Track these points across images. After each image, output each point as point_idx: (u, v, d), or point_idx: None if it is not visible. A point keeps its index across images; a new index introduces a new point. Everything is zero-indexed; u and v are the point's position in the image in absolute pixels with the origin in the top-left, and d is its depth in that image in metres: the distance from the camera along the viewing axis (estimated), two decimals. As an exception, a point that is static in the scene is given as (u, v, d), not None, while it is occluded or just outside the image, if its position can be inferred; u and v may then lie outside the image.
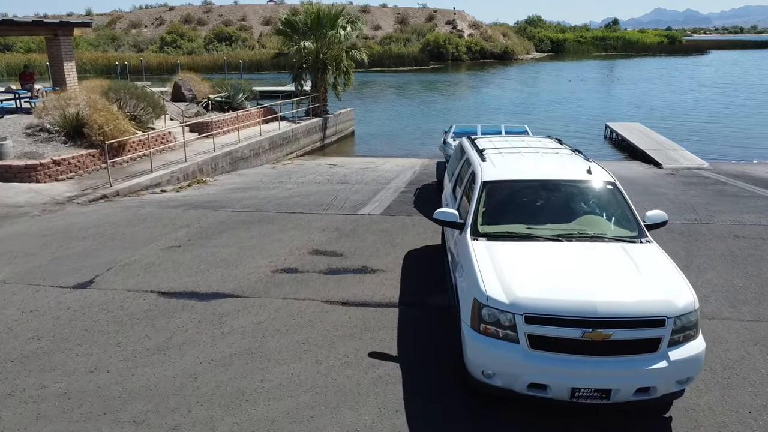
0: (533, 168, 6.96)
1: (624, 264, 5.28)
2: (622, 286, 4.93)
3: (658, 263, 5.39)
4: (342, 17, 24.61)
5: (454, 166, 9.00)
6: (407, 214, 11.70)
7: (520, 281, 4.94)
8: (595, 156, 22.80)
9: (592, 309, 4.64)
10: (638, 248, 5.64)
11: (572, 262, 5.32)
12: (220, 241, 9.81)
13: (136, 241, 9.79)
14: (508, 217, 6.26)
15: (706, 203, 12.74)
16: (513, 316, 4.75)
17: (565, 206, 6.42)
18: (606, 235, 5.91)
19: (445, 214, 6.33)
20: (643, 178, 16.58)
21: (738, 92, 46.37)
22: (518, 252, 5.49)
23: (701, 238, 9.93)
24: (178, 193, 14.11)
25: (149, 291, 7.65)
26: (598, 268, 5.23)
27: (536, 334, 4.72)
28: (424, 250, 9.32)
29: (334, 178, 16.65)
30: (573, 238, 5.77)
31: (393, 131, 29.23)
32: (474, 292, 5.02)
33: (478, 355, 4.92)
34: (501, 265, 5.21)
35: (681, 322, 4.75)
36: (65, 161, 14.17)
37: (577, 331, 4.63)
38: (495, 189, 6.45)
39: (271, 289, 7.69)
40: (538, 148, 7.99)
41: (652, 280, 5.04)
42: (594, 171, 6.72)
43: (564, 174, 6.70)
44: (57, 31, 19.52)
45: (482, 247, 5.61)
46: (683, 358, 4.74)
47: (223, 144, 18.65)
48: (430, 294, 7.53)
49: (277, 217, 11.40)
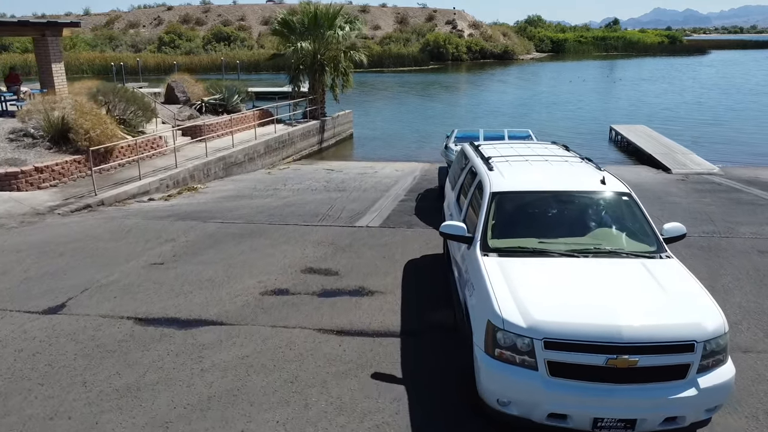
0: (544, 178, 6.60)
1: (647, 283, 4.95)
2: (648, 308, 4.60)
3: (683, 282, 5.07)
4: (340, 17, 23.93)
5: (456, 174, 8.66)
6: (408, 226, 11.03)
7: (537, 303, 4.63)
8: (601, 160, 22.13)
9: (617, 334, 4.32)
10: (659, 265, 5.32)
11: (591, 281, 5.00)
12: (207, 257, 9.13)
13: (117, 257, 9.12)
14: (519, 230, 5.95)
15: (724, 213, 12.07)
16: (531, 341, 4.45)
17: (578, 219, 6.11)
18: (624, 250, 5.58)
19: (452, 228, 5.99)
20: (653, 184, 15.92)
21: (741, 93, 45.70)
22: (533, 270, 5.17)
23: (723, 254, 9.27)
24: (166, 202, 13.43)
25: (125, 317, 6.97)
26: (620, 287, 4.91)
27: (556, 360, 4.41)
28: (427, 268, 8.65)
29: (331, 184, 15.98)
30: (590, 254, 5.44)
31: (392, 134, 28.56)
32: (488, 314, 4.69)
33: (492, 382, 4.61)
34: (516, 285, 4.88)
35: (711, 346, 4.44)
36: (48, 168, 13.49)
37: (601, 358, 4.32)
38: (505, 201, 6.11)
39: (259, 314, 7.02)
40: (547, 155, 7.59)
41: (679, 301, 4.73)
42: (608, 181, 6.36)
43: (577, 185, 6.35)
44: (44, 32, 18.81)
45: (494, 264, 5.29)
46: (713, 385, 4.43)
47: (217, 148, 17.98)
48: (436, 321, 6.85)
49: (269, 229, 10.73)
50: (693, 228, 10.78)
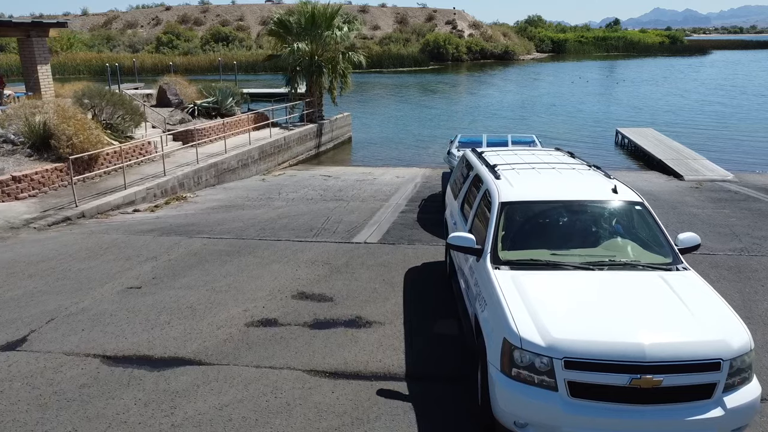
0: (554, 187, 6.36)
1: (667, 298, 4.74)
2: (671, 324, 4.41)
3: (705, 296, 4.84)
4: (338, 17, 23.12)
5: (458, 182, 8.40)
6: (409, 242, 10.23)
7: (556, 320, 4.40)
8: (609, 165, 21.38)
9: (640, 352, 4.11)
10: (678, 278, 5.11)
11: (610, 295, 4.82)
12: (190, 279, 8.34)
13: (90, 279, 8.33)
14: (530, 241, 5.76)
15: (747, 227, 11.28)
16: (551, 360, 4.22)
17: (590, 229, 5.90)
18: (639, 262, 5.39)
19: (460, 239, 5.76)
20: (666, 192, 15.14)
21: (744, 94, 44.91)
22: (548, 284, 4.96)
23: (755, 276, 8.47)
24: (152, 214, 12.64)
25: (91, 355, 6.18)
26: (640, 303, 4.70)
27: (577, 380, 4.19)
28: (430, 293, 7.85)
29: (328, 193, 15.20)
30: (605, 267, 5.25)
31: (392, 137, 27.77)
32: (504, 331, 4.46)
33: (509, 403, 4.36)
34: (532, 300, 4.66)
35: (737, 364, 4.24)
36: (27, 177, 12.70)
37: (624, 378, 4.12)
38: (515, 211, 5.91)
39: (243, 352, 6.23)
40: (554, 163, 7.31)
41: (702, 316, 4.48)
42: (620, 190, 6.13)
43: (588, 194, 6.11)
44: (29, 32, 18.04)
45: (507, 278, 5.07)
46: (740, 405, 4.22)
47: (209, 154, 17.19)
48: (445, 360, 6.06)
49: (260, 246, 9.93)
50: (718, 244, 10.00)
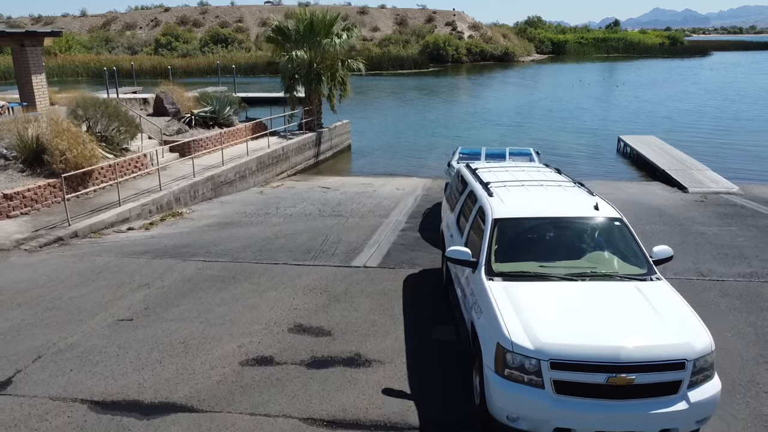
0: (542, 204, 6.91)
1: (641, 306, 5.35)
2: (643, 330, 5.02)
3: (673, 304, 5.46)
4: (337, 24, 22.82)
5: (454, 196, 8.86)
6: (410, 266, 9.96)
7: (543, 326, 5.02)
8: (612, 175, 21.18)
9: (615, 355, 4.74)
10: (651, 287, 5.72)
11: (590, 304, 5.42)
12: (183, 309, 8.07)
13: (80, 310, 8.05)
14: (521, 254, 6.32)
15: (755, 248, 11.00)
16: (538, 362, 4.83)
17: (574, 243, 6.50)
18: (618, 273, 5.98)
19: (457, 253, 6.32)
20: (672, 207, 14.86)
21: (745, 99, 44.62)
22: (537, 294, 5.56)
23: (767, 306, 8.19)
24: (146, 232, 12.35)
25: (79, 400, 5.91)
26: (616, 310, 5.32)
27: (561, 379, 4.81)
28: (433, 325, 7.57)
29: (327, 207, 14.92)
30: (587, 277, 5.85)
31: (392, 144, 27.48)
32: (497, 337, 5.08)
33: (502, 399, 4.97)
34: (522, 309, 5.27)
35: (700, 364, 4.88)
36: (19, 195, 12.41)
37: (602, 376, 4.75)
38: (506, 226, 6.45)
39: (237, 396, 5.95)
40: (542, 180, 7.85)
41: (670, 322, 5.13)
42: (601, 207, 6.71)
43: (572, 211, 6.70)
44: (23, 42, 17.79)
45: (500, 289, 5.67)
46: (703, 399, 4.86)
47: (206, 166, 16.90)
48: (449, 406, 5.79)
49: (256, 270, 9.66)
50: (727, 268, 9.73)
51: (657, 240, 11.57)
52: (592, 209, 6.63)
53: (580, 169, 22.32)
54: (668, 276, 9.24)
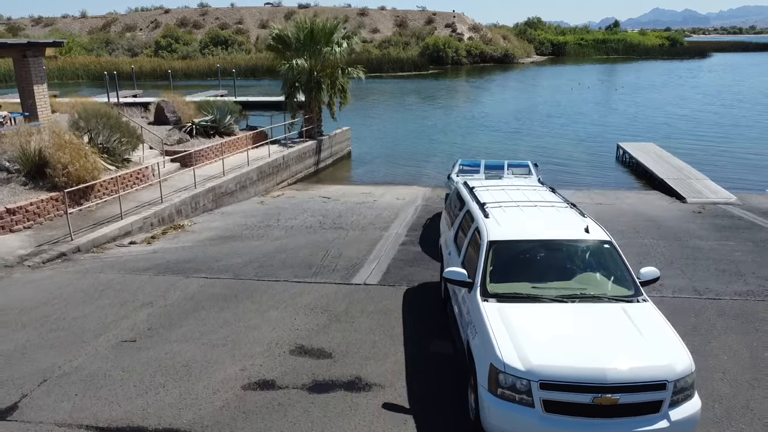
0: (535, 226, 7.14)
1: (626, 328, 5.65)
2: (627, 352, 5.32)
3: (657, 326, 5.75)
4: (337, 32, 22.91)
5: (453, 213, 9.10)
6: (408, 282, 10.06)
7: (534, 348, 5.32)
8: (611, 183, 21.27)
9: (601, 376, 5.06)
10: (637, 309, 6.00)
11: (579, 326, 5.70)
12: (186, 330, 8.17)
13: (84, 330, 8.15)
14: (514, 275, 6.58)
15: (752, 263, 11.11)
16: (529, 383, 5.14)
17: (566, 264, 6.76)
18: (606, 294, 6.27)
19: (454, 274, 6.61)
20: (670, 219, 14.97)
21: (742, 103, 44.69)
22: (528, 316, 5.84)
23: (762, 327, 8.29)
24: (148, 246, 12.45)
25: (84, 426, 6.01)
26: (603, 332, 5.62)
27: (550, 399, 5.12)
28: (433, 348, 7.67)
29: (327, 219, 15.01)
30: (576, 299, 6.13)
31: (391, 151, 27.57)
32: (491, 358, 5.39)
33: (495, 417, 5.29)
34: (514, 330, 5.56)
35: (680, 384, 5.18)
36: (21, 209, 12.51)
37: (588, 397, 5.05)
38: (501, 248, 6.72)
39: (239, 422, 6.05)
40: (536, 201, 8.09)
41: (653, 345, 5.42)
42: (591, 230, 6.99)
43: (564, 233, 6.98)
44: (25, 52, 17.87)
45: (494, 311, 5.94)
46: (683, 418, 5.17)
47: (207, 176, 17.00)
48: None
49: (258, 288, 9.76)
50: (723, 286, 9.83)
51: (655, 255, 11.70)
52: (583, 232, 6.92)
53: (579, 177, 22.45)
54: (667, 294, 9.41)
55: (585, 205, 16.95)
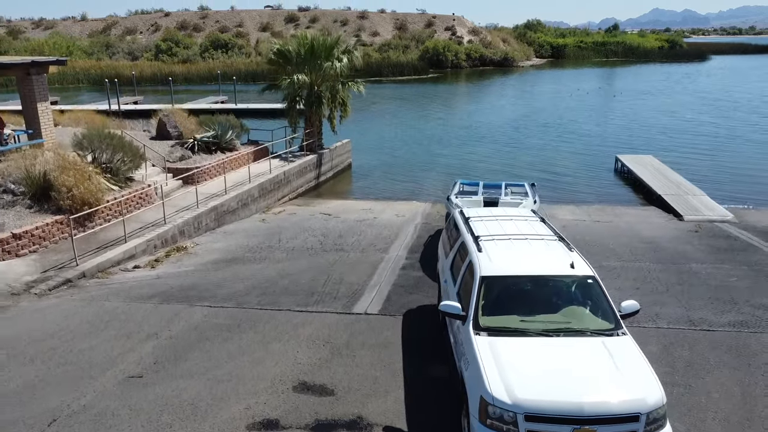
0: (525, 262, 7.61)
1: (604, 363, 6.14)
2: (604, 387, 5.82)
3: (633, 360, 6.24)
4: (337, 47, 23.10)
5: (450, 242, 9.57)
6: (408, 312, 10.25)
7: (519, 383, 5.80)
8: (609, 198, 21.41)
9: (579, 409, 5.57)
10: (615, 343, 6.50)
11: (561, 360, 6.17)
12: (192, 364, 8.35)
13: (92, 364, 8.33)
14: (504, 308, 7.06)
15: (747, 290, 11.30)
16: (515, 415, 5.63)
17: (552, 298, 7.26)
18: (588, 329, 6.75)
19: (449, 307, 7.19)
20: (666, 239, 15.15)
21: (740, 110, 44.86)
22: (516, 350, 6.32)
23: (755, 361, 8.48)
24: (152, 271, 12.63)
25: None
26: (583, 367, 6.08)
27: (534, 429, 5.61)
28: (434, 383, 7.86)
29: (328, 239, 15.20)
30: (561, 333, 6.64)
31: (390, 163, 27.75)
32: (481, 390, 5.89)
33: None
34: (502, 365, 6.05)
35: (652, 415, 5.67)
36: (27, 234, 12.69)
37: (568, 428, 5.56)
38: (492, 283, 7.22)
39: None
40: (527, 234, 8.53)
41: (628, 379, 5.91)
42: (577, 265, 7.45)
43: (551, 269, 7.45)
44: (29, 70, 18.03)
45: (485, 345, 6.42)
46: None
47: (209, 194, 17.17)
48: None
49: (261, 317, 9.95)
50: (717, 316, 10.02)
51: (651, 281, 11.91)
52: (568, 267, 7.39)
53: (579, 190, 22.64)
54: (663, 325, 9.61)
55: (584, 222, 17.19)
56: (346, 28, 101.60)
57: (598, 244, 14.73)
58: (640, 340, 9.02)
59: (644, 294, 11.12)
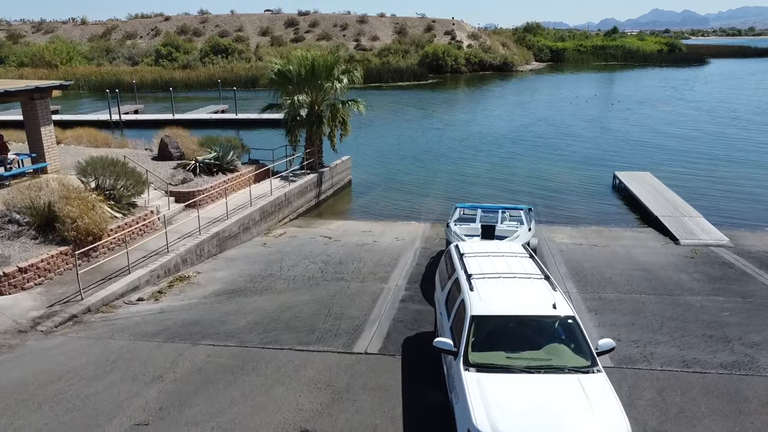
0: (512, 302, 8.38)
1: (579, 399, 6.93)
2: (576, 422, 6.62)
3: (604, 397, 7.01)
4: (337, 67, 23.31)
5: (446, 275, 10.26)
6: (407, 350, 10.47)
7: (502, 418, 6.62)
8: (606, 218, 21.58)
9: None
10: (590, 381, 7.28)
11: (540, 397, 6.95)
12: (196, 411, 8.56)
13: (98, 412, 8.54)
14: (492, 345, 7.85)
15: (740, 325, 11.52)
16: None
17: (535, 337, 8.04)
18: (566, 366, 7.56)
19: (442, 344, 8.04)
20: (661, 267, 15.37)
21: (737, 120, 45.03)
22: (500, 387, 7.11)
23: (745, 408, 8.69)
24: (156, 304, 12.84)
25: None
26: (559, 405, 6.85)
27: None
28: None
29: (329, 267, 15.42)
30: (542, 369, 7.45)
31: (390, 177, 27.94)
32: (468, 424, 6.73)
33: None
34: (488, 401, 6.87)
35: None
36: (33, 267, 12.91)
37: None
38: (482, 322, 8.03)
39: None
40: (515, 273, 9.23)
41: (599, 416, 6.68)
42: (558, 306, 8.23)
43: (535, 309, 8.25)
44: (33, 95, 18.29)
45: (473, 381, 7.24)
46: None
47: (211, 220, 17.39)
48: None
49: (263, 357, 10.16)
50: (710, 356, 10.24)
51: (646, 315, 12.16)
52: (551, 308, 8.18)
53: (577, 209, 22.81)
54: (656, 367, 9.83)
55: (581, 247, 17.40)
56: (345, 33, 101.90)
57: (596, 272, 14.95)
58: (635, 384, 9.31)
59: (639, 330, 11.35)
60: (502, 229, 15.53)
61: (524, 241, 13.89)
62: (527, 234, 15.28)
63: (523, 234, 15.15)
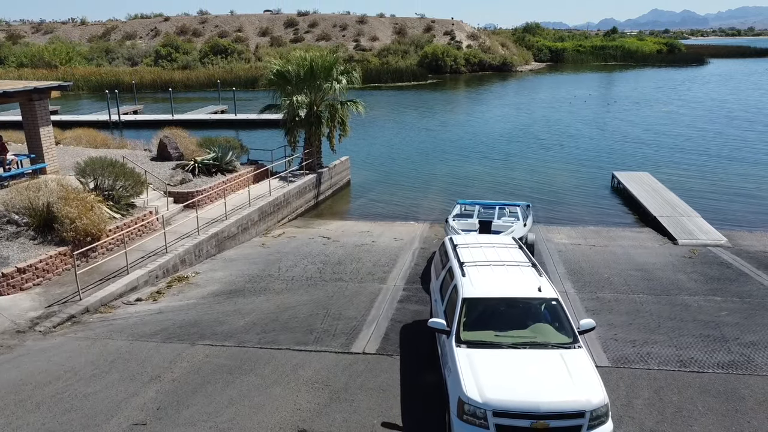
0: (501, 286, 9.05)
1: (560, 370, 7.55)
2: (557, 389, 7.24)
3: (583, 368, 7.64)
4: (336, 68, 23.32)
5: (441, 264, 10.88)
6: (405, 350, 10.48)
7: (490, 386, 7.25)
8: (605, 218, 21.61)
9: (536, 408, 7.03)
10: (571, 354, 7.91)
11: (525, 368, 7.62)
12: (194, 411, 8.57)
13: (96, 411, 8.55)
14: (482, 324, 8.47)
15: (737, 325, 11.54)
16: (485, 411, 7.08)
17: (522, 317, 8.72)
18: (550, 342, 8.20)
19: (437, 324, 8.67)
20: (659, 267, 15.38)
21: (736, 120, 45.08)
22: (489, 359, 7.75)
23: (741, 406, 8.71)
24: (154, 305, 12.84)
25: None
26: (542, 374, 7.51)
27: (501, 423, 7.05)
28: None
29: (327, 267, 15.43)
30: (527, 346, 8.09)
31: (389, 177, 28.00)
32: (459, 392, 7.34)
33: None
34: (477, 372, 7.48)
35: (596, 413, 7.10)
36: (32, 267, 12.92)
37: (527, 422, 7.02)
38: (473, 304, 8.70)
39: None
40: (505, 261, 9.87)
41: (577, 383, 7.32)
42: (543, 289, 8.93)
43: (522, 292, 8.93)
44: (31, 97, 18.30)
45: (464, 355, 7.87)
46: None
47: (209, 220, 17.41)
48: None
49: (261, 357, 10.17)
50: (707, 356, 10.26)
51: (644, 315, 12.17)
52: (536, 291, 8.86)
53: (576, 209, 22.82)
54: (653, 366, 9.86)
55: (579, 247, 17.41)
56: (345, 33, 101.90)
57: (594, 272, 14.97)
58: (633, 384, 9.33)
59: (637, 330, 11.38)
60: (498, 224, 16.03)
61: (518, 236, 14.01)
62: (522, 229, 15.68)
63: (518, 229, 15.55)
